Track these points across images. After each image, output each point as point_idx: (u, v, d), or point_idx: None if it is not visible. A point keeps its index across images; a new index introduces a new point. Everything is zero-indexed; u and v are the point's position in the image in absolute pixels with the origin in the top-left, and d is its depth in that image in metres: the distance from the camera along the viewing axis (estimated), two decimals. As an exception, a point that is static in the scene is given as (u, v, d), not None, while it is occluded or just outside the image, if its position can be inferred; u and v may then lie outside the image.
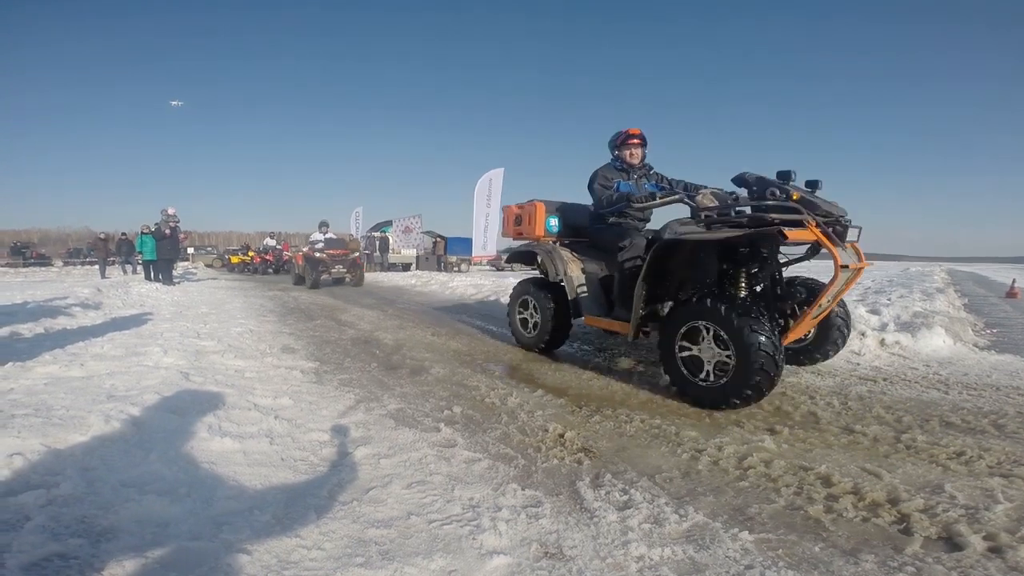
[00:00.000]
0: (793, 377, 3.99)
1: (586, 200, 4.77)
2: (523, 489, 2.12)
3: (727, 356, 3.12)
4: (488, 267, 28.92)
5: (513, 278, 14.05)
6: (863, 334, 4.89)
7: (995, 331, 5.92)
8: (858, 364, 4.37)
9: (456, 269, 26.17)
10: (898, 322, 5.08)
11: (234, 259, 28.35)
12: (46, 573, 1.44)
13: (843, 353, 4.66)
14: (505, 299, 9.67)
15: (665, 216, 5.34)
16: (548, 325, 4.85)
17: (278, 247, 25.09)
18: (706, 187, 3.83)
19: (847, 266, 3.21)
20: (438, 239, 29.25)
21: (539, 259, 5.07)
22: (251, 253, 27.78)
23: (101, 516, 1.73)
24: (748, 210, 3.25)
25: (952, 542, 1.76)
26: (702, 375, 3.25)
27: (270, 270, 23.70)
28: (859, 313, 5.26)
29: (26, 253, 40.51)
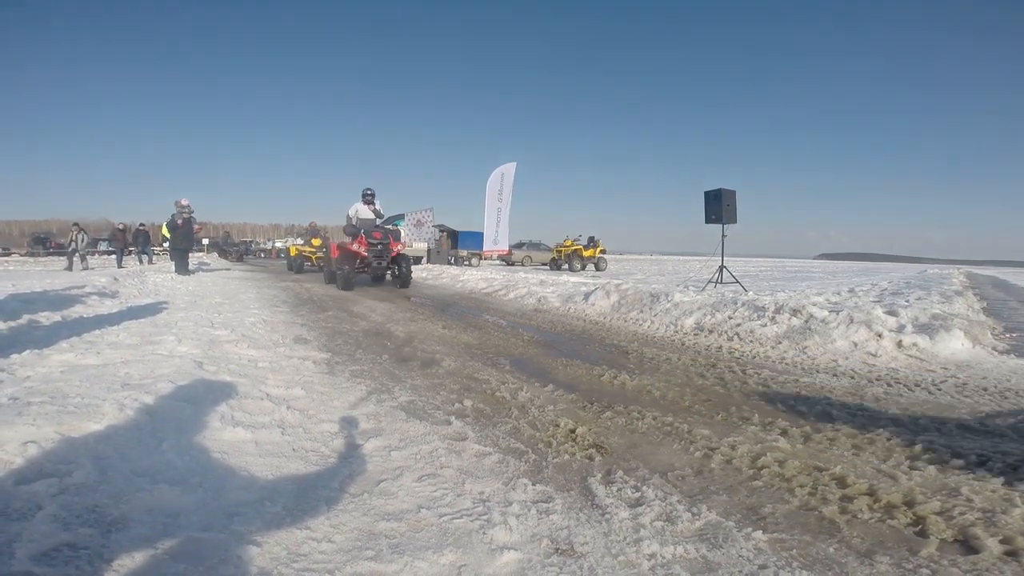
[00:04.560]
0: (807, 378, 3.95)
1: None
2: (534, 484, 2.11)
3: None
4: (499, 262, 28.86)
5: (524, 272, 14.02)
6: (880, 335, 4.83)
7: (1015, 335, 5.81)
8: (874, 366, 4.31)
9: (467, 263, 26.03)
10: (916, 324, 5.00)
11: (293, 250, 20.28)
12: (55, 563, 1.44)
13: (859, 354, 4.61)
14: (515, 294, 9.67)
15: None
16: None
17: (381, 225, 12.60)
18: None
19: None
20: (443, 234, 28.04)
21: None
22: (316, 241, 19.41)
23: (112, 506, 1.74)
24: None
25: (968, 545, 1.74)
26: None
27: (363, 271, 11.77)
28: (876, 314, 5.19)
29: (46, 243, 41.07)
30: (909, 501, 2.00)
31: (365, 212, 12.06)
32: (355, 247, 11.32)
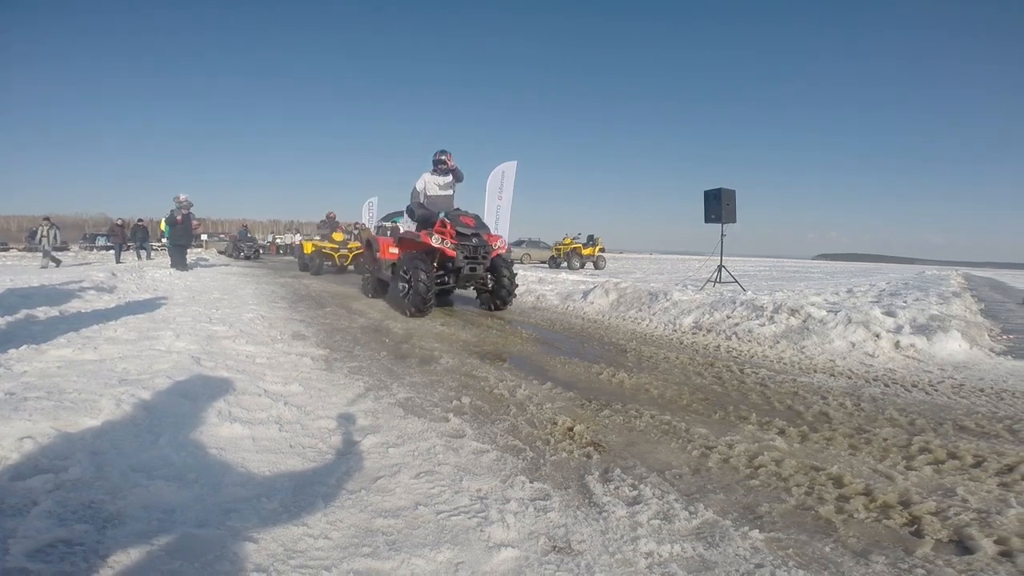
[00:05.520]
0: (805, 377, 3.95)
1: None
2: (531, 482, 2.11)
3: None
4: (498, 260, 28.75)
5: (523, 271, 14.00)
6: (877, 336, 4.83)
7: (1012, 337, 5.82)
8: (872, 366, 4.32)
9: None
10: (914, 325, 5.00)
11: (308, 246, 16.08)
12: (50, 559, 1.44)
13: (857, 355, 4.62)
14: (515, 293, 9.66)
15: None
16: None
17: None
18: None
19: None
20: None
21: None
22: (339, 236, 16.00)
23: (108, 501, 1.74)
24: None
25: (963, 545, 1.75)
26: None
27: (443, 282, 7.24)
28: (874, 315, 5.19)
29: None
30: (905, 501, 2.01)
31: (436, 186, 7.68)
32: (435, 241, 6.88)
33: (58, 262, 17.44)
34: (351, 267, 15.27)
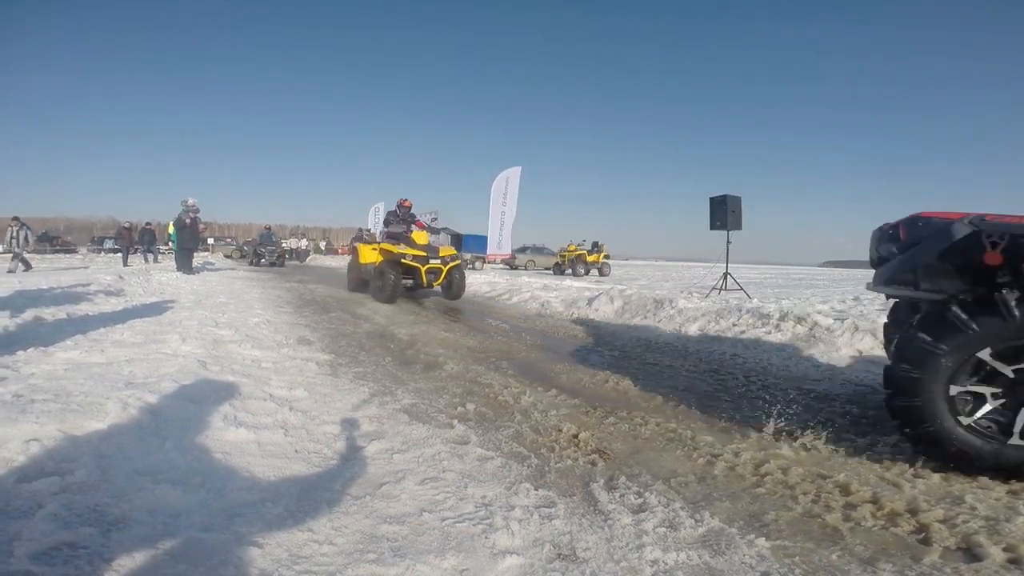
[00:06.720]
0: (811, 385, 3.93)
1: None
2: (536, 489, 2.10)
3: None
4: (502, 266, 28.81)
5: (527, 277, 13.99)
6: (885, 344, 4.80)
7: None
8: (879, 374, 4.29)
9: (470, 267, 25.88)
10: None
11: (369, 252, 10.76)
12: (54, 562, 1.44)
13: (864, 363, 4.58)
14: (518, 298, 9.64)
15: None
16: None
17: None
18: None
19: None
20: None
21: None
22: (422, 237, 9.87)
23: (114, 505, 1.74)
24: None
25: (971, 552, 1.73)
26: None
27: None
28: (881, 323, 5.16)
29: (53, 240, 41.25)
30: (912, 509, 2.00)
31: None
32: None
33: (28, 265, 15.49)
34: (439, 287, 9.90)
